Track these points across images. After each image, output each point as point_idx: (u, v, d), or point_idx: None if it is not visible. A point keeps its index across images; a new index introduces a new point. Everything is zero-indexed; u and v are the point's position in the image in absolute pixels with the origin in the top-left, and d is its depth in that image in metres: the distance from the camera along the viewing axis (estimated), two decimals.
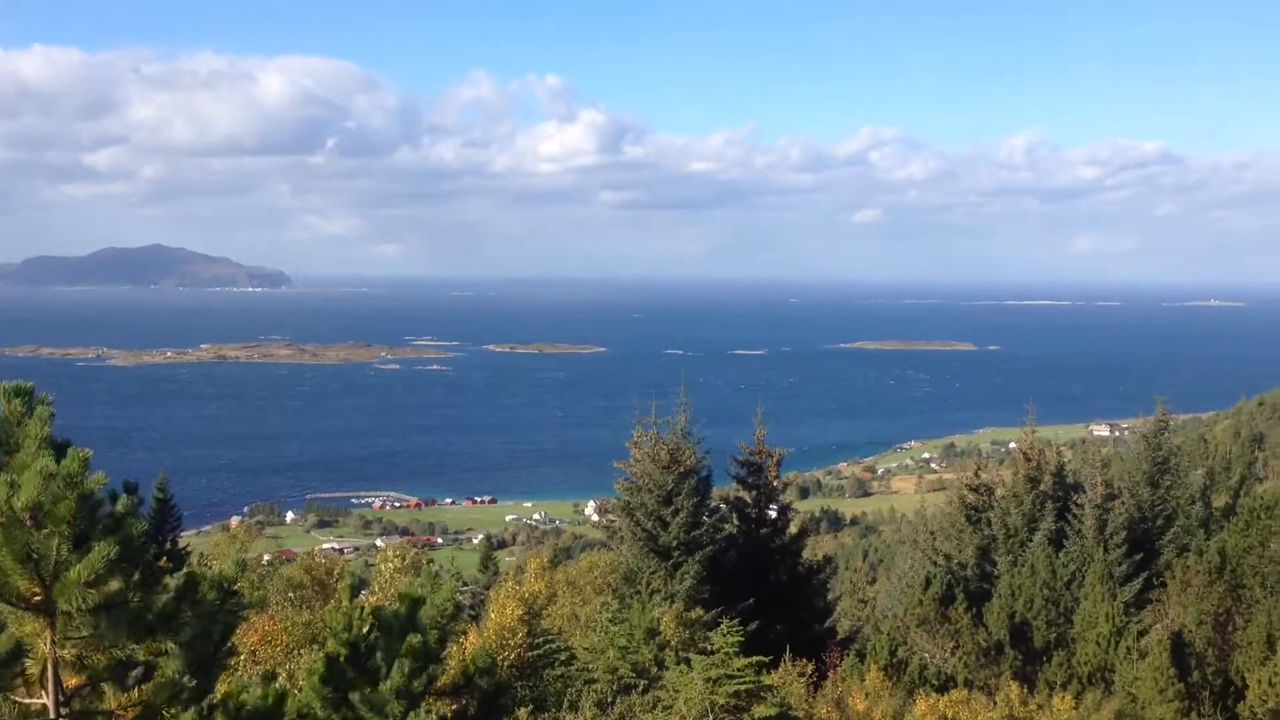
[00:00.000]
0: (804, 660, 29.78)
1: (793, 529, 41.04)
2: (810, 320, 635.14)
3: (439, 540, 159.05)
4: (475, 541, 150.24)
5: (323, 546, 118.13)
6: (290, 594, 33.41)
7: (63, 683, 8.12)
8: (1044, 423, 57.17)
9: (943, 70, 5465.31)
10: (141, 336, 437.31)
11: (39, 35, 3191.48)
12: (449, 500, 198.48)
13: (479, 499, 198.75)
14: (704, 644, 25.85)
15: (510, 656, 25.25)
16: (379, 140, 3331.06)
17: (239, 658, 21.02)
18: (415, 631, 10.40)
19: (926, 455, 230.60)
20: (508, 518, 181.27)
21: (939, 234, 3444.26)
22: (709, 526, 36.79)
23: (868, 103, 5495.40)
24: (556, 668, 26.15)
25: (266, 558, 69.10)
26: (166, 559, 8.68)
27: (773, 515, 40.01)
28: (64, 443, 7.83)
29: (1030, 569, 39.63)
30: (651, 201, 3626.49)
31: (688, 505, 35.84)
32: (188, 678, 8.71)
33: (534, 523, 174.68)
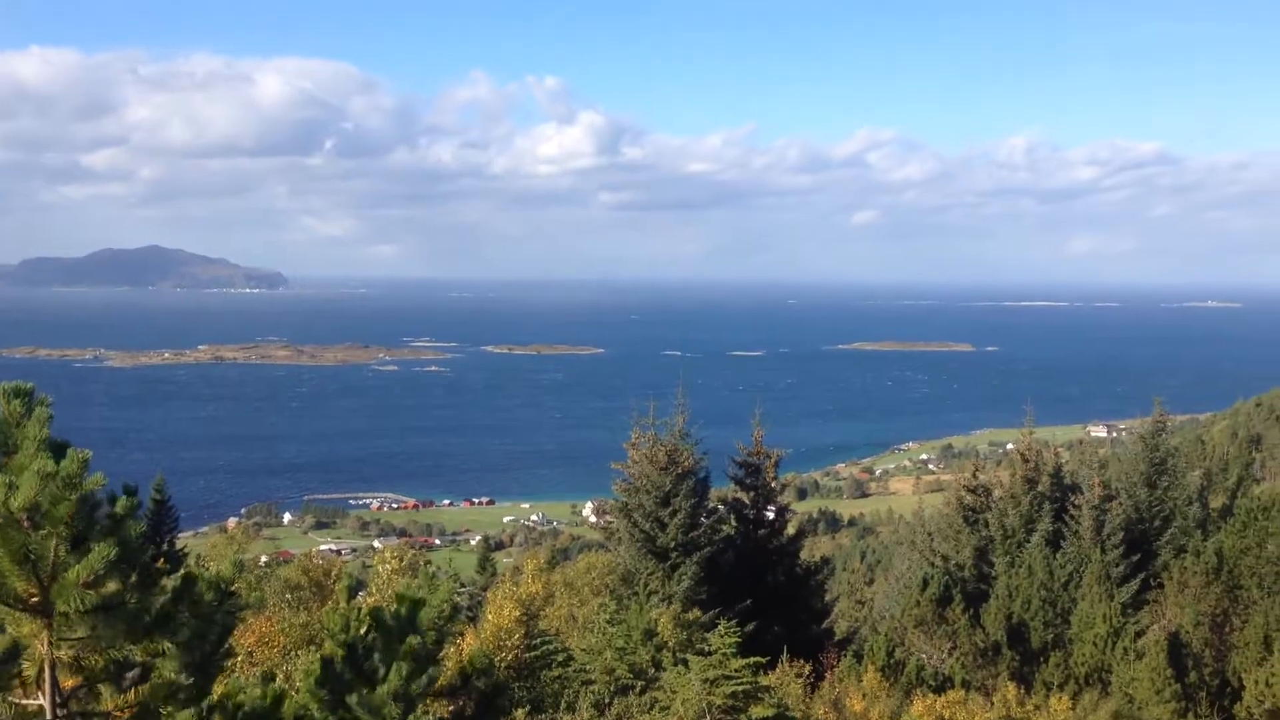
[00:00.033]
0: (801, 661, 29.79)
1: (790, 530, 41.12)
2: (808, 321, 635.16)
3: (436, 541, 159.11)
4: (473, 543, 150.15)
5: (320, 548, 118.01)
6: (287, 595, 33.36)
7: (60, 684, 8.12)
8: (1041, 424, 57.32)
9: (941, 71, 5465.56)
10: (139, 338, 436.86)
11: (36, 37, 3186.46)
12: (446, 501, 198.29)
13: (476, 500, 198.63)
14: (701, 645, 25.88)
15: (507, 657, 25.27)
16: (376, 141, 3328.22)
17: (236, 659, 21.02)
18: (415, 633, 10.40)
19: (924, 456, 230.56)
20: (505, 519, 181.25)
21: (937, 235, 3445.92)
22: (707, 528, 36.84)
23: (867, 103, 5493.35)
24: (554, 669, 26.16)
25: (264, 559, 69.14)
26: (164, 560, 8.69)
27: (770, 516, 40.07)
28: (62, 444, 7.83)
29: (1028, 570, 39.70)
30: (649, 203, 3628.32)
31: (685, 506, 35.88)
32: (185, 678, 8.72)
33: (532, 524, 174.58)
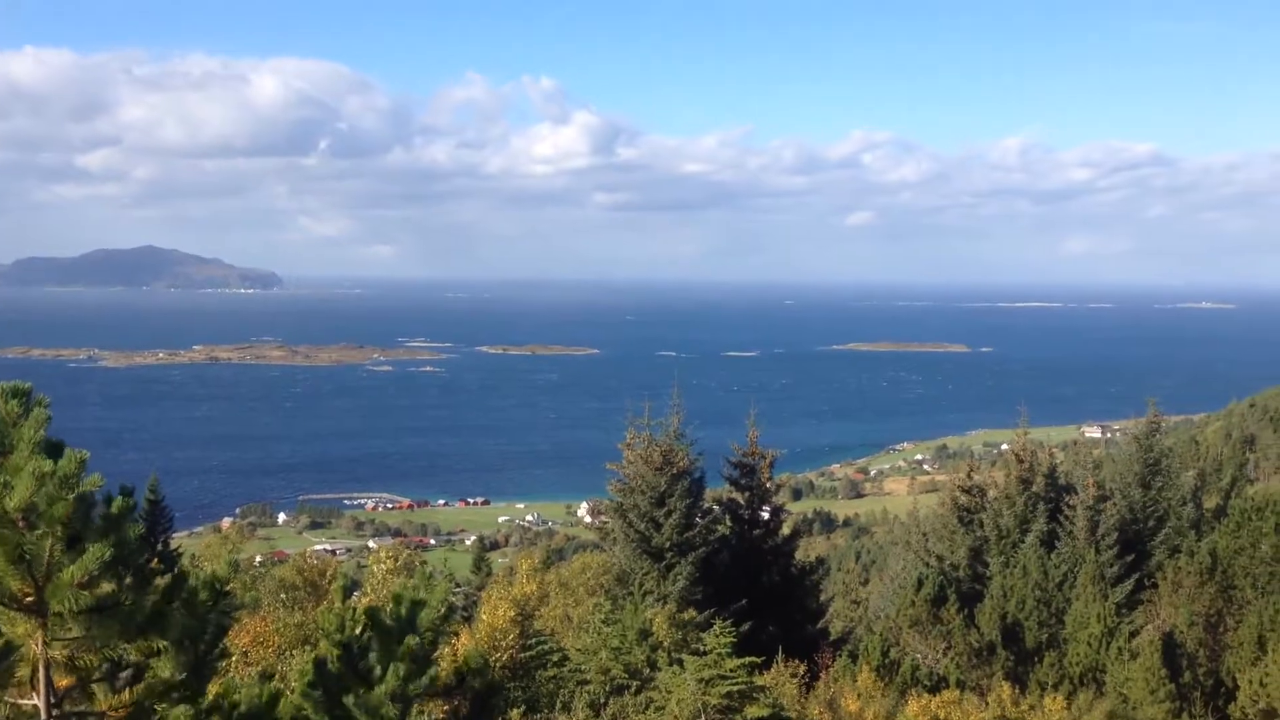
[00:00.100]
0: (796, 661, 29.80)
1: (785, 530, 41.14)
2: (803, 322, 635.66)
3: (431, 541, 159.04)
4: (468, 543, 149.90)
5: (315, 548, 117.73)
6: (282, 595, 33.35)
7: (54, 683, 8.11)
8: (1036, 424, 57.39)
9: (937, 71, 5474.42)
10: (133, 338, 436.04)
11: (31, 37, 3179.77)
12: (441, 501, 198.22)
13: (471, 500, 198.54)
14: (697, 645, 25.90)
15: (503, 657, 25.29)
16: (372, 141, 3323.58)
17: (231, 659, 20.99)
18: (414, 634, 10.38)
19: (919, 457, 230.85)
20: (500, 519, 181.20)
21: (932, 236, 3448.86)
22: (702, 528, 36.86)
23: (863, 104, 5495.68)
24: (549, 669, 26.19)
25: (258, 559, 68.94)
26: (158, 560, 8.67)
27: (765, 517, 40.09)
28: (57, 443, 7.81)
29: (1022, 570, 39.76)
30: (645, 203, 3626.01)
31: (680, 507, 35.89)
32: (180, 677, 8.70)
33: (527, 524, 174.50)
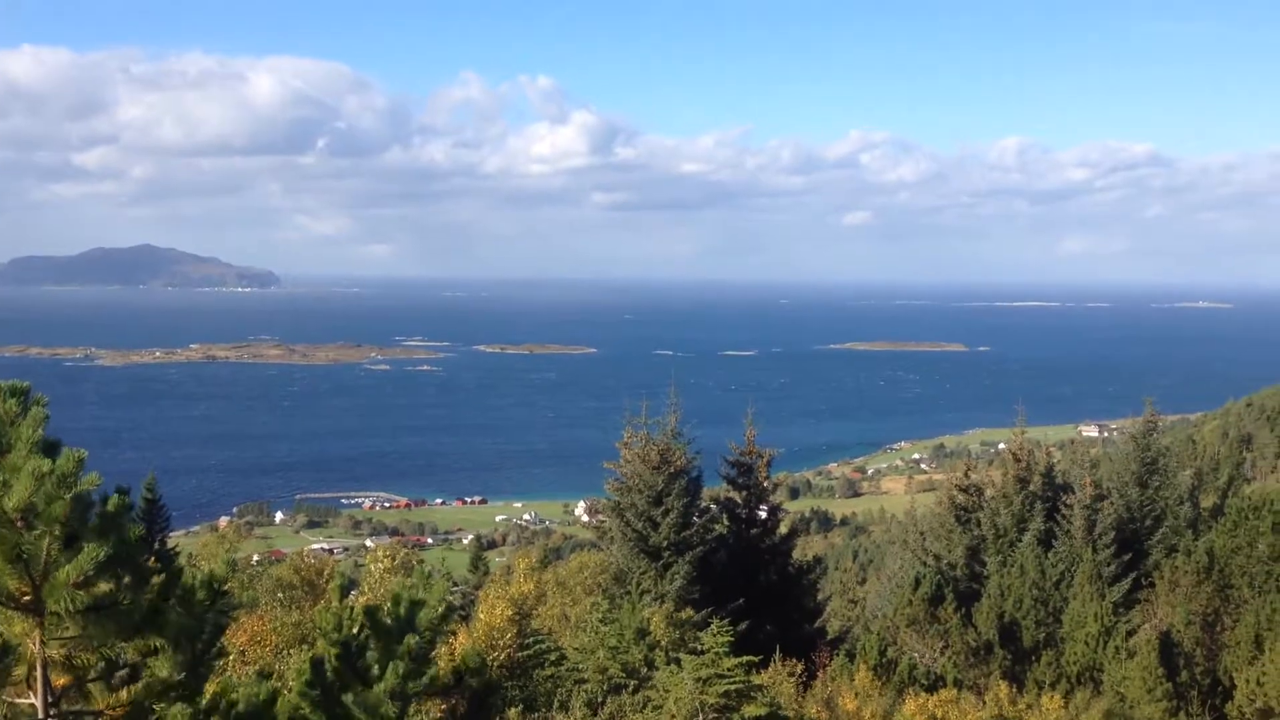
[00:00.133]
0: (794, 660, 29.82)
1: (783, 529, 41.15)
2: (801, 321, 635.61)
3: (429, 540, 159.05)
4: (465, 542, 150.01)
5: (312, 547, 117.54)
6: (280, 594, 33.32)
7: (51, 682, 8.10)
8: (1033, 423, 57.30)
9: (935, 72, 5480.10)
10: (130, 336, 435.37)
11: (29, 35, 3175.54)
12: (439, 500, 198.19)
13: (469, 499, 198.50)
14: (694, 644, 25.90)
15: (500, 657, 25.27)
16: (369, 141, 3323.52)
17: (228, 658, 20.98)
18: (412, 633, 10.37)
19: (916, 456, 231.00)
20: (498, 518, 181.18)
21: (929, 235, 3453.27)
22: (699, 527, 36.88)
23: (861, 104, 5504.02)
24: (546, 668, 26.18)
25: (256, 558, 68.92)
26: (155, 560, 8.65)
27: (763, 516, 40.10)
28: (54, 443, 7.80)
29: (1019, 569, 39.78)
30: (642, 203, 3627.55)
31: (678, 506, 35.89)
32: (177, 676, 8.69)
33: (524, 523, 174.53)
